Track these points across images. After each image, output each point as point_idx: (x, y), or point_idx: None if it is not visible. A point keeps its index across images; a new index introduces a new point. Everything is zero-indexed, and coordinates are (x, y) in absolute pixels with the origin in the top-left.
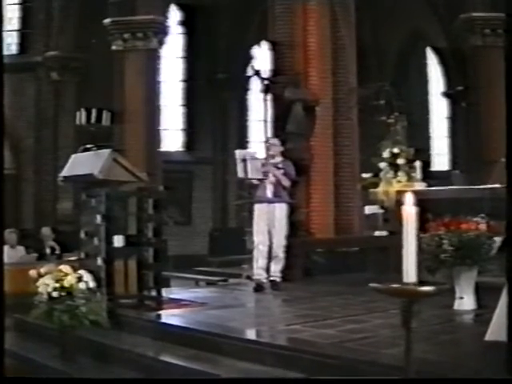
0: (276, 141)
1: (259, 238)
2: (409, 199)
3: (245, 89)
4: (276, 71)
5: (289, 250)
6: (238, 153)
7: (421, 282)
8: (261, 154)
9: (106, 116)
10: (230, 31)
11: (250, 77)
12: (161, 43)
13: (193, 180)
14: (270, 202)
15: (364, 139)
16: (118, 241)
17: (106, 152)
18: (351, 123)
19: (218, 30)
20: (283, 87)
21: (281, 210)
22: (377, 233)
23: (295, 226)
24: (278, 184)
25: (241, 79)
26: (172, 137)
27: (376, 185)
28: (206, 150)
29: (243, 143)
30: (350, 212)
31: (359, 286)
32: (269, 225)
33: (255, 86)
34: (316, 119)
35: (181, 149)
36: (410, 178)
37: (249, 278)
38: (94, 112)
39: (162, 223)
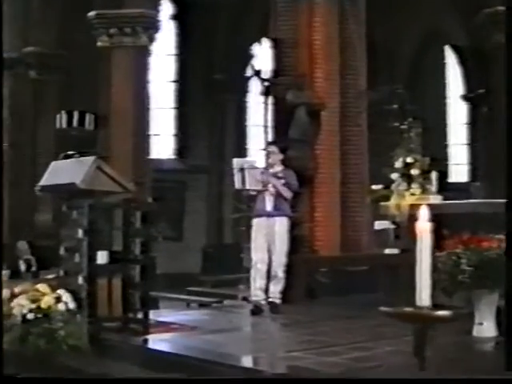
0: (275, 148)
1: (258, 256)
2: (423, 214)
3: (243, 91)
4: (278, 72)
5: (290, 268)
6: (236, 161)
7: (436, 306)
8: (260, 162)
9: (89, 119)
10: (227, 27)
11: (249, 78)
12: (151, 39)
13: (185, 191)
14: (269, 215)
15: (374, 147)
16: (102, 257)
17: (89, 159)
18: (360, 130)
19: (214, 25)
20: (285, 89)
21: (281, 224)
22: (387, 250)
23: (297, 242)
24: (278, 196)
25: (239, 80)
26: (163, 143)
27: (387, 198)
28: (200, 157)
29: (241, 150)
30: (358, 227)
31: (367, 308)
32: (268, 241)
33: (255, 87)
34: (321, 125)
35: (172, 156)
36: (425, 191)
37: (245, 299)
38: (76, 115)
39: (150, 238)
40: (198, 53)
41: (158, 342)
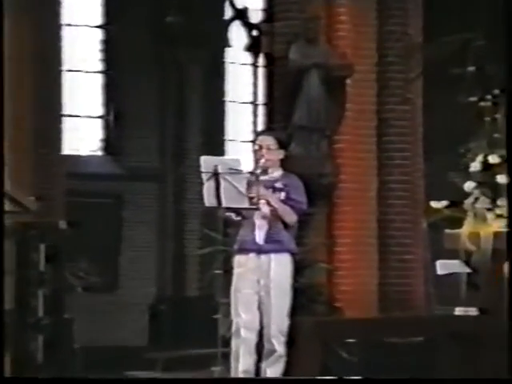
0: (271, 141)
1: (243, 318)
2: None
3: (217, 45)
4: (273, 13)
5: (294, 338)
6: (205, 161)
7: None
8: (246, 164)
9: None
10: None
11: (226, 23)
12: None
13: (122, 209)
14: (261, 251)
15: (434, 138)
16: None
17: None
18: (411, 109)
19: None
20: (286, 43)
21: (280, 265)
22: (458, 310)
23: (306, 296)
24: (275, 219)
25: (210, 27)
26: (83, 130)
27: (457, 222)
28: (144, 155)
29: (214, 144)
30: (407, 271)
31: None
32: (259, 293)
33: (236, 39)
34: (346, 102)
35: (99, 153)
36: None
37: None
38: None
39: (63, 288)
40: None
41: None
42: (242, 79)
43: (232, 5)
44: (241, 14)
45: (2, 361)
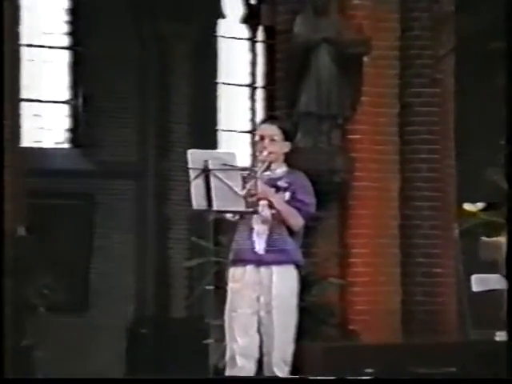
0: (274, 130)
1: (239, 343)
2: None
3: (208, 17)
4: None
5: (300, 368)
6: (193, 155)
7: None
8: (243, 158)
9: None
10: None
11: None
12: None
13: (94, 212)
14: (261, 262)
15: (469, 128)
16: None
17: None
18: (440, 93)
19: None
20: (291, 13)
21: (284, 279)
22: (498, 335)
23: (316, 317)
24: (277, 223)
25: None
26: (47, 118)
27: (496, 228)
28: (120, 148)
29: (204, 135)
30: (436, 287)
31: None
32: (259, 313)
33: (231, 10)
34: (362, 85)
35: (66, 145)
36: None
37: None
38: None
39: (23, 308)
40: None
41: None
42: (238, 57)
43: None
44: None
45: (2, 361)
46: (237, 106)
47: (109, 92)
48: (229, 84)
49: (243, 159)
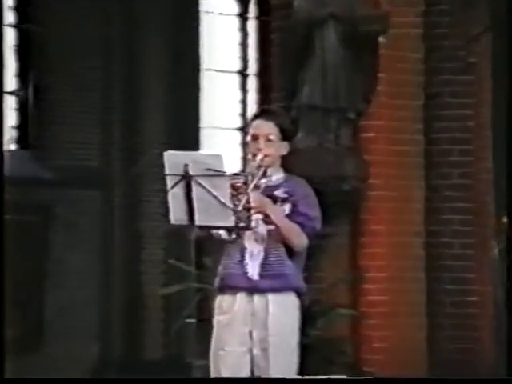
0: (272, 127)
1: None
2: None
3: None
4: None
5: None
6: (171, 158)
7: None
8: (231, 161)
9: None
10: None
11: None
12: None
13: (49, 228)
14: (255, 289)
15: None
16: None
17: None
18: (475, 81)
19: None
20: None
21: (283, 310)
22: None
23: (322, 355)
24: (275, 242)
25: None
26: None
27: None
28: (81, 149)
29: (184, 133)
30: (469, 319)
31: None
32: (252, 351)
33: None
34: (378, 70)
35: (13, 146)
36: None
37: None
38: None
39: None
40: None
41: None
42: (225, 38)
43: None
44: None
45: (2, 362)
46: (223, 98)
47: (65, 82)
48: (213, 71)
49: (232, 163)
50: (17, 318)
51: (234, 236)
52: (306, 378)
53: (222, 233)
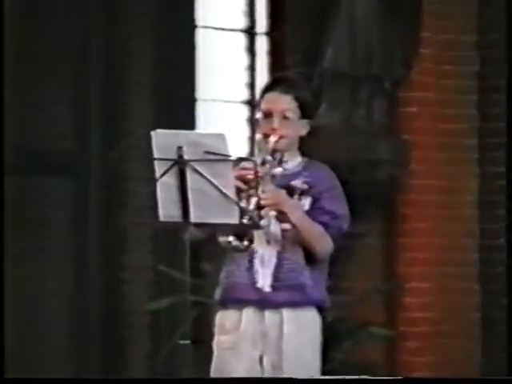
0: (290, 101)
1: None
2: None
3: None
4: None
5: None
6: (159, 138)
7: None
8: (235, 143)
9: None
10: None
11: None
12: None
13: (6, 225)
14: (266, 303)
15: None
16: None
17: None
18: None
19: None
20: None
21: (300, 329)
22: None
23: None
24: (291, 245)
25: None
26: None
27: None
28: (50, 129)
29: (176, 107)
30: None
31: None
32: (263, 374)
33: None
34: (421, 29)
35: None
36: None
37: None
38: None
39: None
40: None
41: None
42: None
43: None
44: None
45: (2, 361)
46: (226, 63)
47: (32, 48)
48: (213, 28)
49: (237, 146)
50: None
51: (246, 243)
52: (313, 378)
53: (232, 239)
